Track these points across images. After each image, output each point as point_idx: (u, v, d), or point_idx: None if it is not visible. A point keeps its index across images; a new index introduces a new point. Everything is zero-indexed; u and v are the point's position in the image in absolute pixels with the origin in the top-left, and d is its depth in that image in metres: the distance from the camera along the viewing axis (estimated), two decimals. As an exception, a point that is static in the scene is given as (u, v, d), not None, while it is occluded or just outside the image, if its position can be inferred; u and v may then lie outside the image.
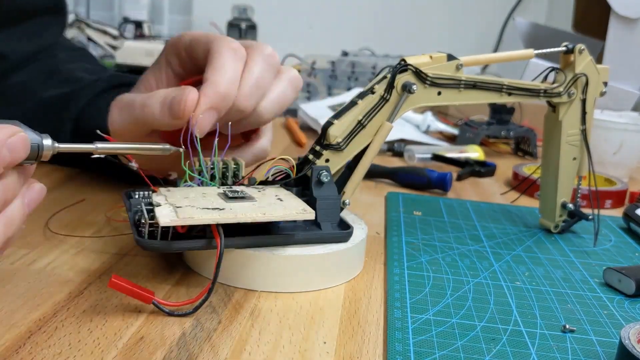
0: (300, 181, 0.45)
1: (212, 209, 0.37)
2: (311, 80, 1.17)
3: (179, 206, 0.37)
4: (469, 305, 0.40)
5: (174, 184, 0.44)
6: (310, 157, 0.45)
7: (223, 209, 0.38)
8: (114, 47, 1.50)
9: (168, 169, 0.50)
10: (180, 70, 0.50)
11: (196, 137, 0.42)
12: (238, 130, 0.47)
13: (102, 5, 1.63)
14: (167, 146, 0.41)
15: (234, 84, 0.43)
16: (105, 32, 1.40)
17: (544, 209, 0.57)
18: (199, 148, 0.42)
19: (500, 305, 0.41)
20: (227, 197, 0.40)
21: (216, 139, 0.43)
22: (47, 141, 0.34)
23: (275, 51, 0.47)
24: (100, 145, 0.37)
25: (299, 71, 1.31)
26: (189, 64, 0.49)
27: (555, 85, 0.51)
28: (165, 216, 0.36)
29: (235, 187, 0.43)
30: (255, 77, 0.44)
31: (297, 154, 0.49)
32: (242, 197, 0.40)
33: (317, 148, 0.45)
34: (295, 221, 0.43)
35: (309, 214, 0.39)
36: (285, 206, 0.39)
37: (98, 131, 0.40)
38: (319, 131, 0.46)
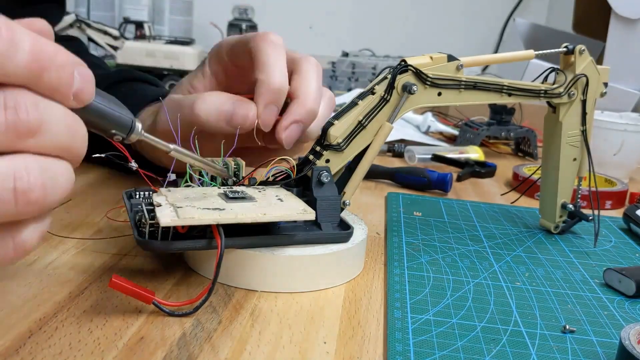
0: (300, 181, 0.45)
1: (213, 209, 0.37)
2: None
3: (179, 206, 0.37)
4: (469, 305, 0.40)
5: (175, 184, 0.44)
6: (311, 157, 0.45)
7: (223, 209, 0.38)
8: (115, 48, 1.50)
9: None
10: (224, 79, 0.51)
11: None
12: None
13: (102, 6, 1.63)
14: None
15: (284, 77, 0.44)
16: (105, 33, 1.40)
17: (544, 210, 0.57)
18: (197, 150, 0.42)
19: (500, 305, 0.41)
20: (227, 197, 0.40)
21: (222, 141, 0.45)
22: (139, 124, 0.32)
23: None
24: (174, 147, 0.36)
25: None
26: (234, 71, 0.50)
27: (555, 86, 0.51)
28: (166, 216, 0.36)
29: (235, 188, 0.43)
30: (316, 83, 0.46)
31: (297, 154, 0.49)
32: (243, 198, 0.40)
33: (318, 148, 0.45)
34: (295, 221, 0.43)
35: (309, 214, 0.39)
36: (285, 206, 0.40)
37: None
38: (319, 131, 0.46)
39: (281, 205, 0.40)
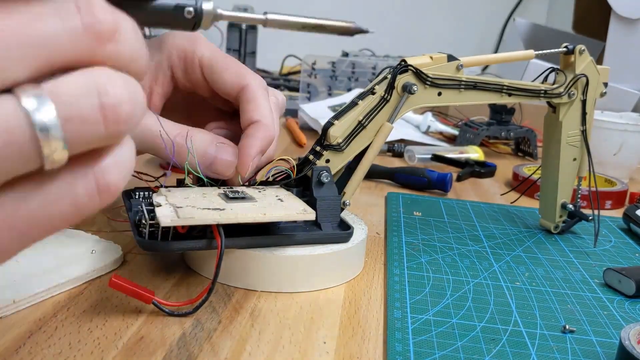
0: (300, 182, 0.45)
1: (213, 209, 0.37)
2: (311, 80, 1.17)
3: (179, 206, 0.37)
4: (469, 305, 0.40)
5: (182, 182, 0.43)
6: (311, 157, 0.45)
7: (223, 209, 0.38)
8: (115, 47, 1.50)
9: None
10: (183, 81, 0.47)
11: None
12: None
13: (102, 6, 1.63)
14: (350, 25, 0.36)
15: (275, 129, 0.44)
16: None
17: (544, 210, 0.57)
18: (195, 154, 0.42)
19: (500, 305, 0.41)
20: (227, 197, 0.40)
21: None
22: (208, 4, 0.28)
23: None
24: (271, 17, 0.30)
25: (299, 72, 1.31)
26: (199, 81, 0.47)
27: (555, 86, 0.51)
28: (166, 216, 0.36)
29: (235, 188, 0.43)
30: (277, 124, 0.46)
31: (297, 154, 0.49)
32: (243, 198, 0.40)
33: (318, 148, 0.45)
34: (295, 221, 0.43)
35: (309, 214, 0.39)
36: (285, 206, 0.39)
37: None
38: (319, 131, 0.46)
39: (281, 206, 0.40)
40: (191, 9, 0.27)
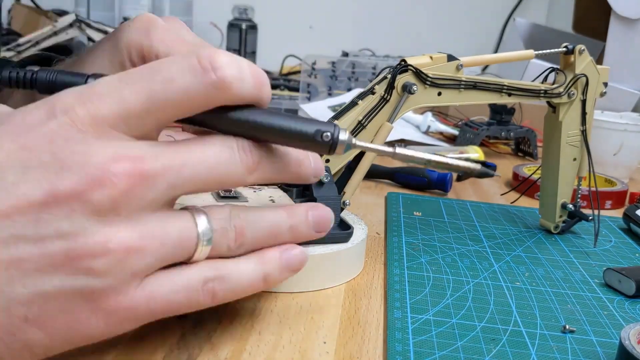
0: (300, 181, 0.45)
1: None
2: (311, 80, 1.17)
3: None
4: (469, 305, 0.40)
5: None
6: (311, 157, 0.45)
7: None
8: (115, 47, 1.50)
9: None
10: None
11: None
12: None
13: (102, 6, 1.63)
14: (484, 169, 0.34)
15: None
16: (105, 33, 1.39)
17: (544, 210, 0.57)
18: None
19: (500, 305, 0.41)
20: (219, 196, 0.40)
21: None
22: (343, 135, 0.29)
23: None
24: (399, 150, 0.31)
25: (299, 72, 1.31)
26: None
27: (555, 85, 0.51)
28: None
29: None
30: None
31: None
32: (235, 197, 0.40)
33: (318, 148, 0.45)
34: None
35: None
36: None
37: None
38: (319, 131, 0.46)
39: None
40: (328, 134, 0.29)
